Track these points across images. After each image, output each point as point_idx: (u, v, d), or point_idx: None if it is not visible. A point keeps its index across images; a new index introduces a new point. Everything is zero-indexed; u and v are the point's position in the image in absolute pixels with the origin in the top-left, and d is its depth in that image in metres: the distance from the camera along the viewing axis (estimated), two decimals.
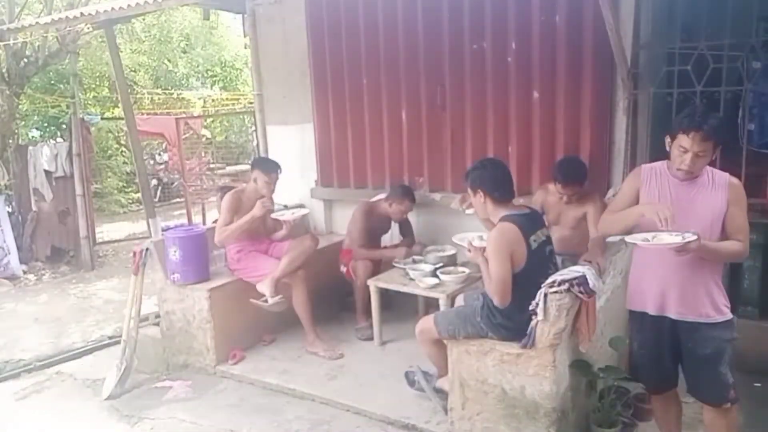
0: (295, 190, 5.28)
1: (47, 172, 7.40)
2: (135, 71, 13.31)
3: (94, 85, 12.67)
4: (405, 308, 4.48)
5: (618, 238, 3.32)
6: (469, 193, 2.97)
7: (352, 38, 4.79)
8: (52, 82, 10.45)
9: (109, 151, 11.99)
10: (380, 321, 4.15)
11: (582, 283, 2.68)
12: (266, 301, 3.98)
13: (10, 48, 7.18)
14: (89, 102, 12.01)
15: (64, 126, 8.21)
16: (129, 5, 5.02)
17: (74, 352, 4.64)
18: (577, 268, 2.79)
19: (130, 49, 13.12)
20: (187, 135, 9.93)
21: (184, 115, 11.23)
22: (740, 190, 2.42)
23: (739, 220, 2.40)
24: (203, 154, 10.58)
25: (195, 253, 4.08)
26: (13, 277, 6.96)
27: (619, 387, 3.02)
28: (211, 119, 13.67)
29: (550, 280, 2.73)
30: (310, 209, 4.96)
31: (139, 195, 8.15)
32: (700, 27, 3.62)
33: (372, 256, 4.36)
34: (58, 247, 7.58)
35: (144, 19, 12.29)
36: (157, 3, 4.98)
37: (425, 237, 4.63)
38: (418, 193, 4.52)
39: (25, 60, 7.64)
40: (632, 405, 3.09)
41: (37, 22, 6.09)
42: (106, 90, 12.63)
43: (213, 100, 15.01)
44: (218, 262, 4.36)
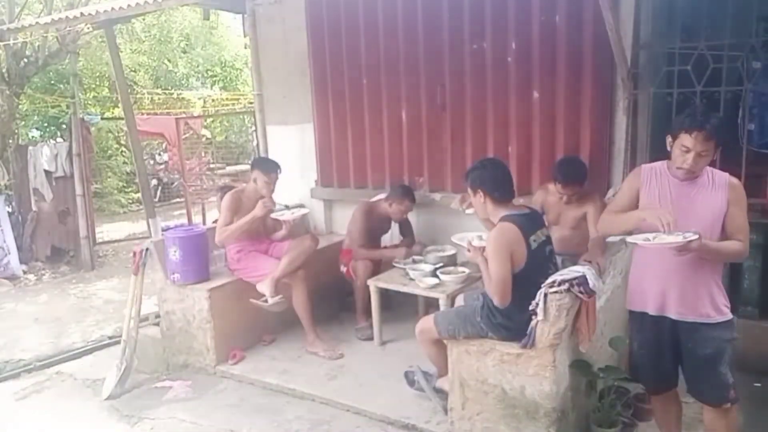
0: (295, 190, 5.28)
1: (47, 172, 7.40)
2: (135, 71, 13.31)
3: (94, 85, 12.67)
4: (405, 308, 4.48)
5: (618, 238, 3.32)
6: (469, 193, 2.97)
7: (352, 38, 4.79)
8: (52, 82, 10.45)
9: (109, 151, 11.99)
10: (380, 321, 4.15)
11: (582, 283, 2.68)
12: (266, 301, 3.98)
13: (10, 48, 7.18)
14: (89, 102, 12.01)
15: (64, 126, 8.21)
16: (129, 5, 5.02)
17: (74, 352, 4.64)
18: (577, 268, 2.79)
19: (130, 49, 13.12)
20: (187, 135, 9.94)
21: (184, 115, 11.23)
22: (740, 190, 2.43)
23: (739, 220, 2.40)
24: (203, 154, 10.59)
25: (195, 253, 4.08)
26: (13, 277, 6.96)
27: (619, 387, 3.02)
28: (211, 119, 13.67)
29: (550, 280, 2.73)
30: (310, 209, 4.96)
31: (139, 195, 8.15)
32: (700, 27, 3.62)
33: (372, 256, 4.36)
34: (58, 247, 7.58)
35: (144, 19, 12.30)
36: (157, 3, 4.99)
37: (425, 237, 4.63)
38: (418, 193, 4.52)
39: (25, 60, 7.64)
40: (632, 405, 3.10)
41: (37, 22, 6.09)
42: (106, 90, 12.64)
43: (213, 100, 15.02)
44: (218, 262, 4.37)
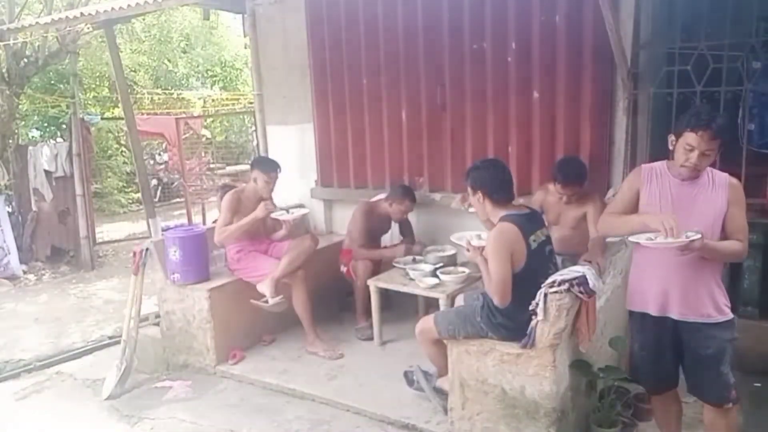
0: (295, 190, 5.28)
1: (47, 172, 7.40)
2: (135, 71, 13.31)
3: (94, 85, 12.67)
4: (405, 308, 4.48)
5: (618, 238, 3.33)
6: (469, 194, 2.97)
7: (352, 38, 4.79)
8: (52, 82, 10.45)
9: (109, 151, 11.99)
10: (380, 321, 4.15)
11: (582, 283, 2.68)
12: (266, 302, 3.98)
13: (10, 48, 7.18)
14: (89, 102, 12.00)
15: (64, 126, 8.21)
16: (129, 5, 5.03)
17: (74, 352, 4.64)
18: (577, 268, 2.80)
19: (130, 49, 13.12)
20: (187, 135, 9.94)
21: (184, 115, 11.24)
22: (740, 191, 2.44)
23: (738, 220, 2.40)
24: (203, 154, 10.59)
25: (195, 253, 4.08)
26: (13, 277, 6.96)
27: (619, 387, 3.02)
28: (211, 119, 13.67)
29: (550, 280, 2.73)
30: (310, 209, 4.96)
31: (139, 195, 8.16)
32: (700, 27, 3.62)
33: (372, 256, 4.36)
34: (58, 247, 7.58)
35: (144, 19, 12.29)
36: (157, 3, 4.99)
37: (425, 237, 4.63)
38: (418, 193, 4.52)
39: (25, 60, 7.63)
40: (632, 405, 3.10)
41: (37, 22, 6.10)
42: (106, 90, 12.63)
43: (213, 100, 15.02)
44: (218, 262, 4.37)
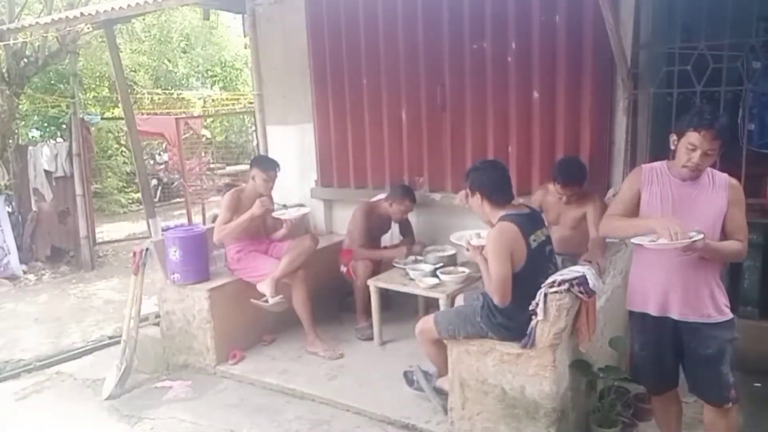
0: (295, 190, 5.28)
1: (47, 172, 7.39)
2: (135, 71, 13.31)
3: (94, 85, 12.67)
4: (405, 308, 4.48)
5: (619, 238, 3.32)
6: (468, 194, 2.97)
7: (352, 38, 4.79)
8: (52, 82, 10.44)
9: (109, 151, 11.99)
10: (380, 321, 4.15)
11: (582, 283, 2.68)
12: (267, 302, 3.98)
13: (10, 48, 7.18)
14: (89, 102, 12.00)
15: (64, 126, 8.20)
16: (129, 5, 5.02)
17: (74, 352, 4.64)
18: (577, 268, 2.80)
19: (130, 49, 13.11)
20: (187, 135, 9.94)
21: (184, 115, 11.24)
22: (740, 191, 2.44)
23: (738, 221, 2.41)
24: (203, 154, 10.59)
25: (195, 253, 4.08)
26: (13, 277, 6.96)
27: (619, 387, 3.02)
28: (211, 119, 13.67)
29: (550, 280, 2.73)
30: (310, 209, 4.96)
31: (139, 195, 8.15)
32: (700, 27, 3.61)
33: (372, 257, 4.36)
34: (58, 247, 7.58)
35: (144, 19, 12.29)
36: (157, 3, 4.99)
37: (425, 237, 4.63)
38: (418, 193, 4.52)
39: (25, 60, 7.63)
40: (632, 405, 3.10)
41: (37, 22, 6.10)
42: (106, 90, 12.63)
43: (213, 100, 15.02)
44: (218, 262, 4.36)
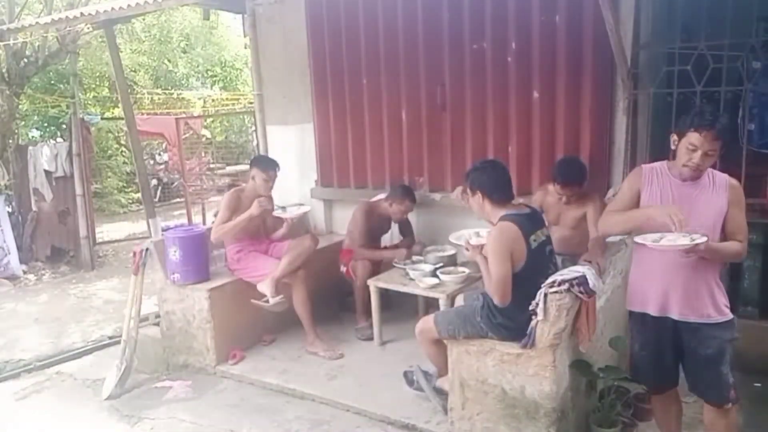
0: (295, 190, 5.28)
1: (47, 172, 7.39)
2: (135, 71, 13.31)
3: (94, 85, 12.67)
4: (405, 308, 4.48)
5: (618, 238, 3.32)
6: (468, 194, 2.97)
7: (352, 38, 4.79)
8: (52, 82, 10.44)
9: (109, 151, 11.99)
10: (380, 321, 4.15)
11: (582, 283, 2.68)
12: (267, 302, 3.98)
13: (10, 48, 7.18)
14: (89, 102, 12.00)
15: (64, 126, 8.20)
16: (129, 5, 5.02)
17: (74, 352, 4.64)
18: (577, 268, 2.80)
19: (130, 49, 13.11)
20: (187, 135, 9.94)
21: (184, 115, 11.24)
22: (740, 191, 2.44)
23: (738, 221, 2.41)
24: (203, 154, 10.59)
25: (195, 253, 4.08)
26: (13, 277, 6.96)
27: (619, 387, 3.02)
28: (211, 119, 13.68)
29: (550, 280, 2.73)
30: (311, 208, 4.95)
31: (139, 195, 8.15)
32: (700, 27, 3.62)
33: (373, 257, 4.36)
34: (58, 247, 7.58)
35: (144, 19, 12.30)
36: (157, 3, 4.99)
37: (425, 237, 4.63)
38: (418, 193, 4.53)
39: (25, 60, 7.63)
40: (632, 405, 3.10)
41: (37, 22, 6.10)
42: (106, 90, 12.63)
43: (213, 100, 15.02)
44: (218, 262, 4.37)
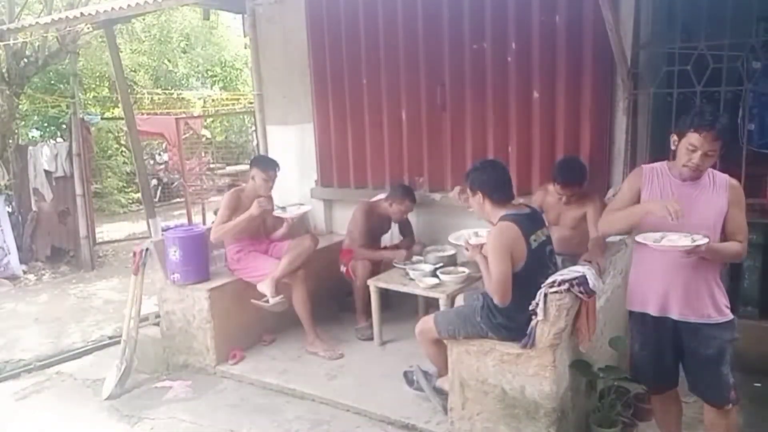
0: (295, 190, 5.28)
1: (47, 172, 7.39)
2: (135, 71, 13.31)
3: (94, 85, 12.67)
4: (405, 308, 4.48)
5: (618, 238, 3.32)
6: (468, 194, 2.97)
7: (352, 38, 4.79)
8: (52, 82, 10.44)
9: (109, 151, 11.98)
10: (380, 321, 4.15)
11: (582, 283, 2.68)
12: (267, 302, 3.98)
13: (10, 48, 7.17)
14: (89, 102, 12.00)
15: (64, 126, 8.20)
16: (129, 5, 5.02)
17: (74, 352, 4.64)
18: (577, 268, 2.80)
19: (130, 49, 13.11)
20: (187, 135, 9.94)
21: (184, 115, 11.24)
22: (740, 192, 2.44)
23: (739, 221, 2.41)
24: (203, 154, 10.59)
25: (195, 253, 4.08)
26: (13, 277, 6.96)
27: (619, 387, 3.02)
28: (211, 119, 13.68)
29: (550, 280, 2.73)
30: (311, 208, 4.94)
31: (139, 195, 8.16)
32: (700, 27, 3.61)
33: (372, 257, 4.35)
34: (58, 247, 7.57)
35: (144, 19, 12.29)
36: (157, 3, 4.99)
37: (425, 237, 4.63)
38: (418, 193, 4.53)
39: (25, 60, 7.63)
40: (632, 405, 3.10)
41: (37, 22, 6.10)
42: (106, 90, 12.63)
43: (213, 100, 15.02)
44: (218, 262, 4.37)
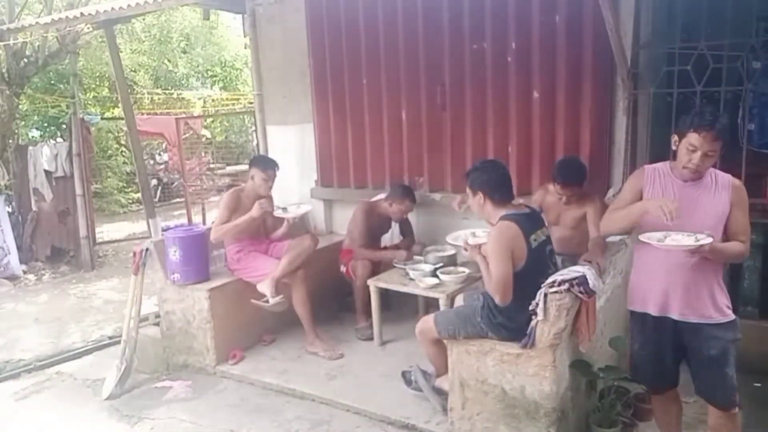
0: (295, 190, 5.28)
1: (47, 172, 7.39)
2: (135, 71, 13.30)
3: (94, 85, 12.66)
4: (405, 308, 4.48)
5: (618, 238, 3.32)
6: (468, 194, 2.97)
7: (352, 38, 4.79)
8: (52, 82, 10.44)
9: (109, 151, 11.99)
10: (380, 321, 4.15)
11: (582, 283, 2.68)
12: (267, 302, 3.98)
13: (10, 48, 7.18)
14: (89, 102, 12.00)
15: (64, 126, 8.21)
16: (129, 5, 5.03)
17: (74, 352, 4.64)
18: (577, 268, 2.80)
19: (130, 49, 13.11)
20: (187, 135, 9.94)
21: (184, 115, 11.24)
22: (743, 192, 2.44)
23: (741, 222, 2.41)
24: (203, 154, 10.59)
25: (195, 253, 4.08)
26: (13, 277, 6.96)
27: (619, 387, 3.02)
28: (211, 119, 13.67)
29: (551, 280, 2.74)
30: (312, 208, 4.94)
31: (139, 195, 8.15)
32: (700, 27, 3.61)
33: (372, 257, 4.35)
34: (58, 247, 7.58)
35: (144, 19, 12.29)
36: (157, 3, 4.99)
37: (425, 237, 4.63)
38: (418, 193, 4.53)
39: (25, 60, 7.63)
40: (632, 405, 3.09)
41: (37, 22, 6.10)
42: (106, 90, 12.63)
43: (213, 100, 15.02)
44: (218, 262, 4.37)
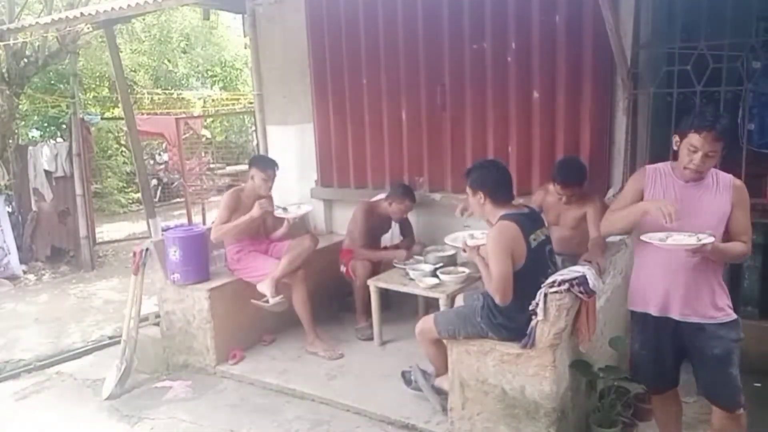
0: (295, 190, 5.28)
1: (47, 172, 7.39)
2: (135, 71, 13.31)
3: (94, 85, 12.67)
4: (405, 308, 4.48)
5: (618, 238, 3.32)
6: (468, 193, 2.97)
7: (352, 38, 4.79)
8: (52, 82, 10.44)
9: (109, 151, 11.98)
10: (380, 321, 4.15)
11: (582, 283, 2.68)
12: (267, 302, 3.98)
13: (10, 48, 7.18)
14: (89, 102, 12.00)
15: (64, 126, 8.21)
16: (129, 5, 5.03)
17: (74, 352, 4.64)
18: (577, 268, 2.80)
19: (130, 49, 13.11)
20: (187, 135, 9.94)
21: (184, 115, 11.24)
22: (744, 192, 2.44)
23: (743, 222, 2.41)
24: (203, 154, 10.59)
25: (195, 253, 4.08)
26: (13, 277, 6.96)
27: (619, 387, 3.02)
28: (211, 119, 13.68)
29: (551, 280, 2.73)
30: (312, 208, 4.94)
31: (139, 195, 8.16)
32: (700, 27, 3.61)
33: (372, 257, 4.35)
34: (58, 247, 7.58)
35: (144, 19, 12.29)
36: (157, 3, 4.99)
37: (425, 237, 4.63)
38: (418, 193, 4.53)
39: (25, 60, 7.63)
40: (632, 405, 3.09)
41: (37, 22, 6.10)
42: (106, 90, 12.63)
43: (213, 100, 15.02)
44: (218, 262, 4.37)
